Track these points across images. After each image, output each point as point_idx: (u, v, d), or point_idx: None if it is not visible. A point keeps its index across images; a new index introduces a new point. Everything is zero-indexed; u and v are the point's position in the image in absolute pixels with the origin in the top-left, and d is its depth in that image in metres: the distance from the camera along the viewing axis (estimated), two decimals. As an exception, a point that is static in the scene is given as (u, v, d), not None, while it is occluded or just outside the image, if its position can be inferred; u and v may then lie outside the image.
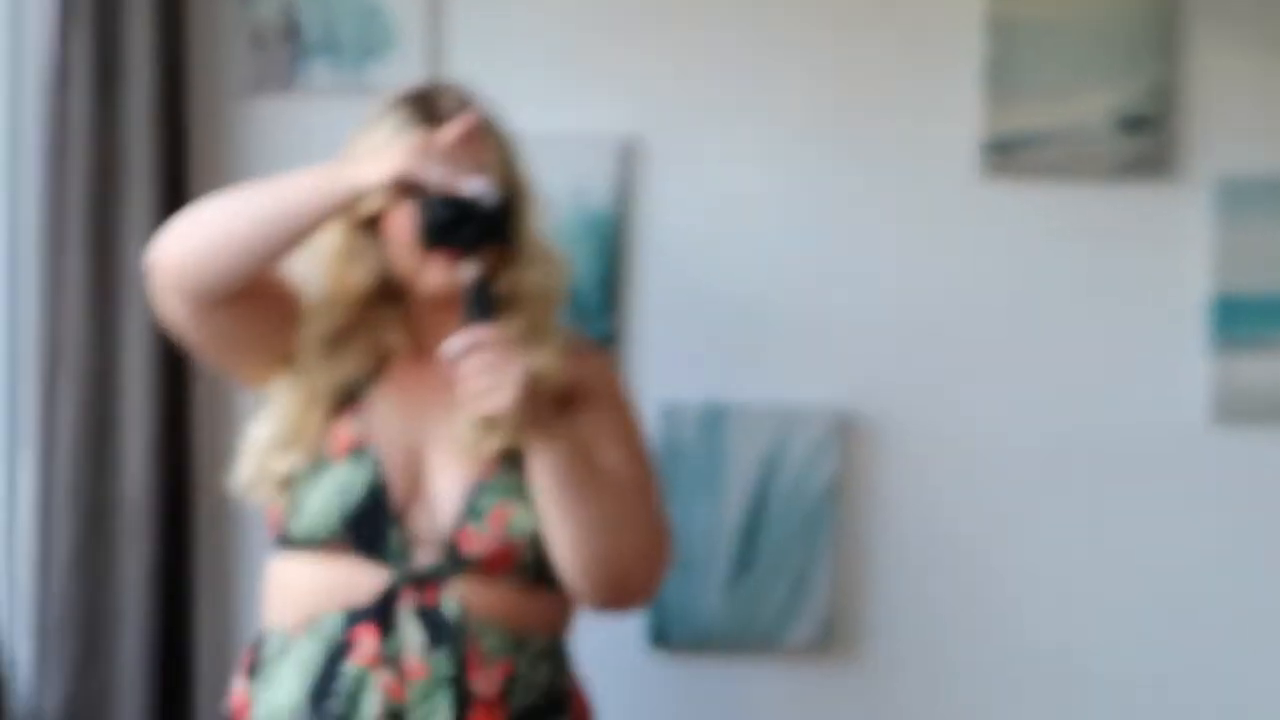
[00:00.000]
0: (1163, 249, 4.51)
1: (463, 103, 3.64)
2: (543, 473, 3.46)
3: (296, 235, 3.50)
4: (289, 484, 3.56)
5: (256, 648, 3.61)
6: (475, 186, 3.43)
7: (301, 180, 3.53)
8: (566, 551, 3.49)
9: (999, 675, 4.53)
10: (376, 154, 3.51)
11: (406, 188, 3.43)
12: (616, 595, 3.58)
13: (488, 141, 3.61)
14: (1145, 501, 4.50)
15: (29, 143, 4.28)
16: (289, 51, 4.47)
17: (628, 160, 4.49)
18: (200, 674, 4.26)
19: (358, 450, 3.55)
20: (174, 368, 4.17)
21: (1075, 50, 4.47)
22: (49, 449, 4.17)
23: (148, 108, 4.19)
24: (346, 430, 3.57)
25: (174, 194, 4.18)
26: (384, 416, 3.59)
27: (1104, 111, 4.46)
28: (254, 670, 3.59)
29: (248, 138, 4.47)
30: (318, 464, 3.55)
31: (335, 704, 3.48)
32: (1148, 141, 4.46)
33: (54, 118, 4.19)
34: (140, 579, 4.12)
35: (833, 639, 4.50)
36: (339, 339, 3.62)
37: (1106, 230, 4.51)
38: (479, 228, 3.44)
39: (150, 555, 4.14)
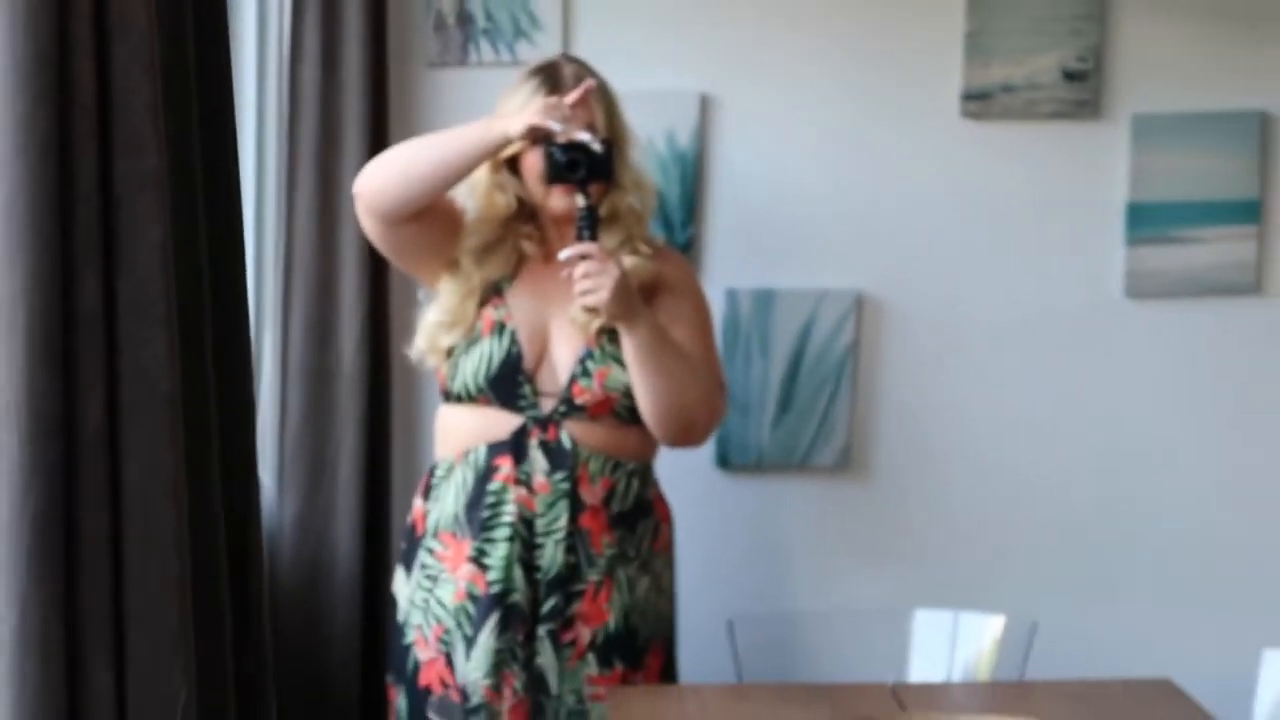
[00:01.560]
0: (1093, 169, 4.56)
1: (579, 73, 3.75)
2: (630, 348, 3.64)
3: (460, 171, 3.66)
4: (451, 354, 3.74)
5: (430, 474, 3.83)
6: (586, 137, 3.60)
7: (464, 131, 3.69)
8: (647, 404, 3.67)
9: (972, 490, 4.58)
10: (517, 112, 3.62)
11: (537, 137, 3.58)
12: (683, 435, 3.78)
13: (597, 102, 3.72)
14: (1080, 354, 4.58)
15: (272, 103, 4.31)
16: (462, 35, 4.44)
17: (705, 111, 4.50)
18: (395, 494, 4.33)
19: (500, 329, 3.72)
20: (376, 272, 4.19)
21: (1031, 23, 4.46)
22: (286, 330, 4.25)
23: (359, 77, 4.19)
24: (492, 314, 3.74)
25: (377, 140, 4.17)
26: (520, 304, 3.76)
27: (1052, 68, 4.47)
28: (427, 491, 3.81)
29: (430, 100, 4.47)
30: (471, 339, 3.73)
31: (483, 512, 3.67)
32: (1084, 90, 4.49)
33: (291, 85, 4.21)
34: (352, 425, 4.22)
35: (849, 463, 4.57)
36: (488, 248, 3.78)
37: (1053, 156, 4.56)
38: (589, 169, 3.60)
39: (359, 408, 4.20)
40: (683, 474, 4.11)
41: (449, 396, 3.78)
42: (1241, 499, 4.61)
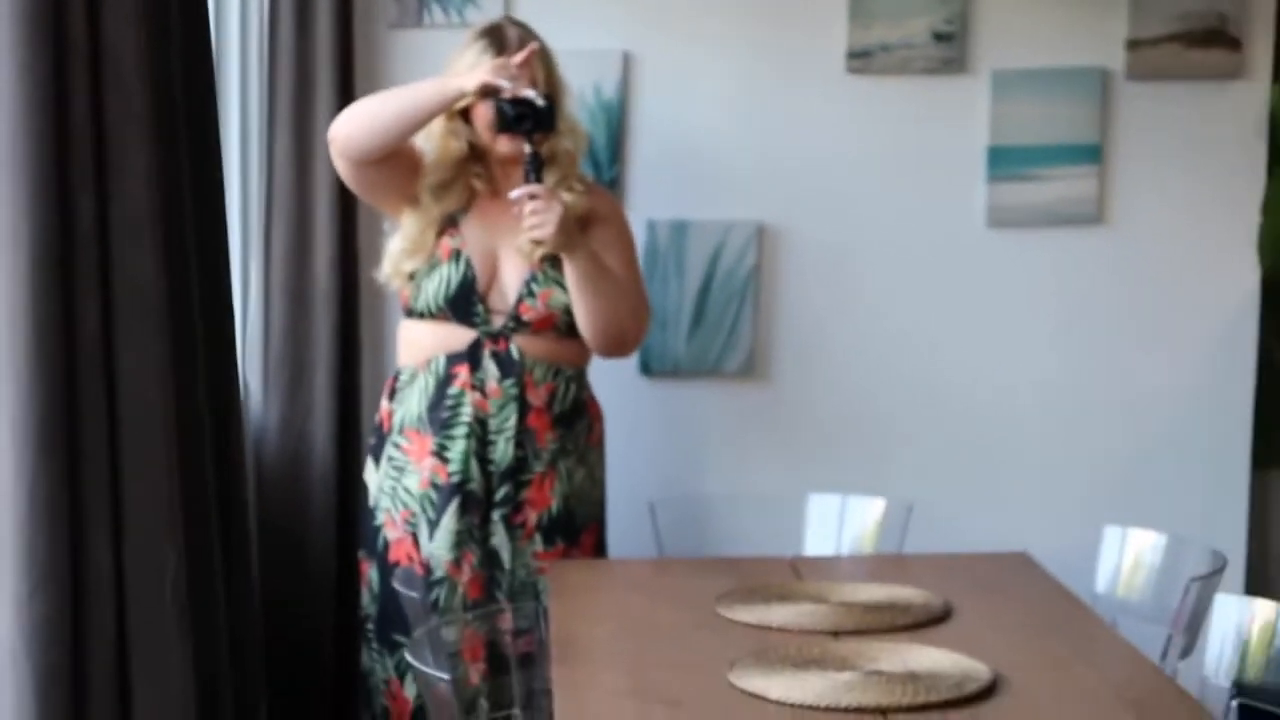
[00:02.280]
0: (959, 118, 4.47)
1: (523, 37, 3.70)
2: (570, 273, 3.61)
3: (420, 121, 3.62)
4: (413, 277, 3.69)
5: (394, 379, 3.79)
6: (530, 93, 3.56)
7: (423, 86, 3.66)
8: (584, 320, 3.65)
9: (857, 392, 4.52)
10: (469, 70, 3.60)
11: (488, 92, 3.55)
12: (614, 347, 3.75)
13: (539, 62, 3.67)
14: (948, 276, 4.53)
15: (254, 59, 4.21)
16: (417, 2, 4.34)
17: (627, 67, 4.41)
18: (364, 396, 4.27)
19: (456, 255, 3.68)
20: (346, 206, 4.12)
21: None
22: (268, 257, 4.14)
23: (329, 38, 4.07)
24: (449, 243, 3.69)
25: (344, 94, 4.07)
26: (473, 234, 3.71)
27: (925, 30, 4.39)
28: (393, 394, 3.77)
29: (391, 57, 4.38)
30: (431, 264, 3.68)
31: (444, 413, 3.64)
32: (951, 50, 4.41)
33: (270, 43, 4.09)
34: (326, 338, 4.11)
35: (753, 369, 4.51)
36: (444, 186, 3.72)
37: (925, 107, 4.47)
38: (534, 122, 3.57)
39: (332, 323, 4.14)
40: (612, 380, 4.08)
41: (411, 313, 3.73)
42: (1085, 398, 4.61)
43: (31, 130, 1.92)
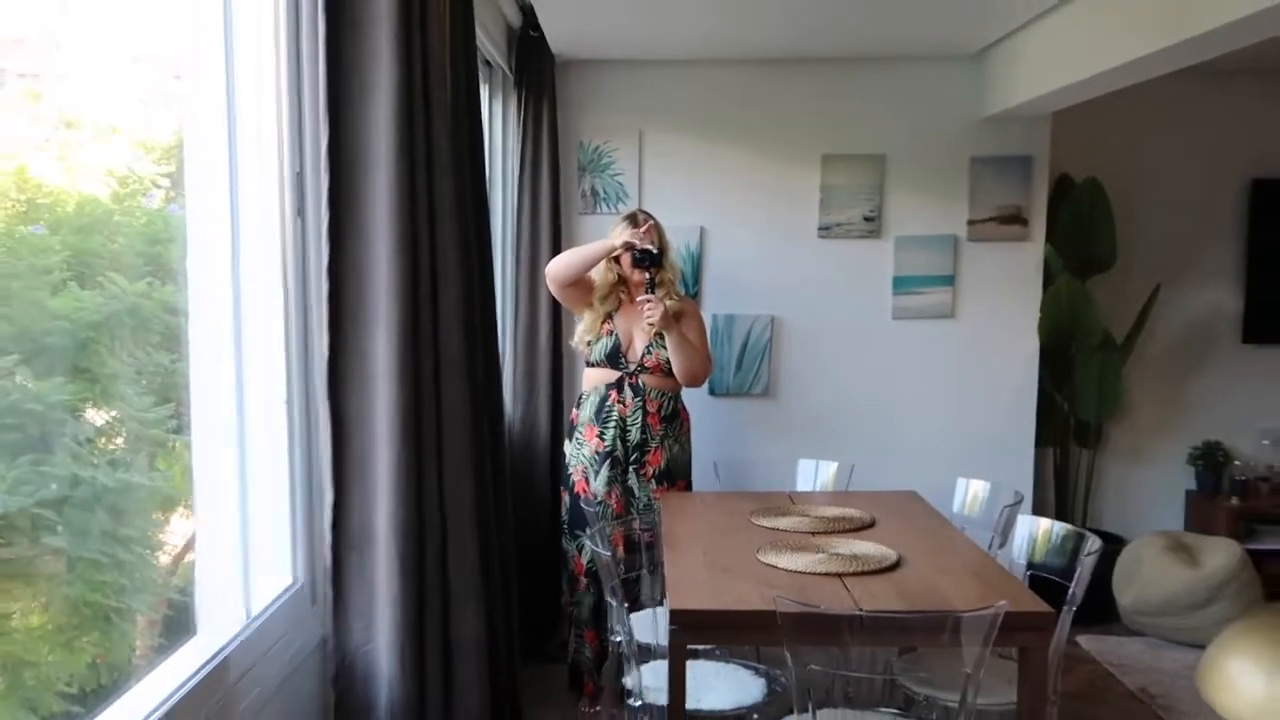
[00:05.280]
0: (877, 262, 4.39)
1: (646, 218, 3.65)
2: (669, 342, 3.54)
3: (592, 263, 3.58)
4: (589, 344, 3.64)
5: (580, 398, 3.71)
6: (650, 247, 3.52)
7: (595, 245, 3.60)
8: (676, 368, 3.57)
9: (825, 405, 4.45)
10: (618, 236, 3.56)
11: (628, 247, 3.52)
12: (691, 382, 3.64)
13: (655, 231, 3.62)
14: (872, 344, 4.45)
15: (509, 232, 4.18)
16: (592, 199, 4.35)
17: (703, 234, 4.38)
18: (564, 406, 4.17)
19: (610, 333, 3.61)
20: (555, 308, 4.05)
21: (848, 195, 4.33)
22: (515, 332, 4.09)
23: (548, 219, 4.06)
24: (607, 326, 3.63)
25: (555, 248, 4.04)
26: (620, 322, 3.64)
27: (859, 216, 4.34)
28: (579, 404, 3.69)
29: (580, 229, 4.37)
30: (597, 338, 3.62)
31: (603, 415, 3.58)
32: (873, 226, 4.35)
33: (516, 223, 4.07)
34: (545, 374, 4.08)
35: (769, 393, 4.44)
36: (605, 297, 3.66)
37: (859, 256, 4.40)
38: (651, 262, 3.52)
39: (548, 366, 4.07)
40: (695, 398, 4.08)
41: (588, 363, 3.69)
42: (946, 413, 4.52)
43: (399, 272, 1.96)
